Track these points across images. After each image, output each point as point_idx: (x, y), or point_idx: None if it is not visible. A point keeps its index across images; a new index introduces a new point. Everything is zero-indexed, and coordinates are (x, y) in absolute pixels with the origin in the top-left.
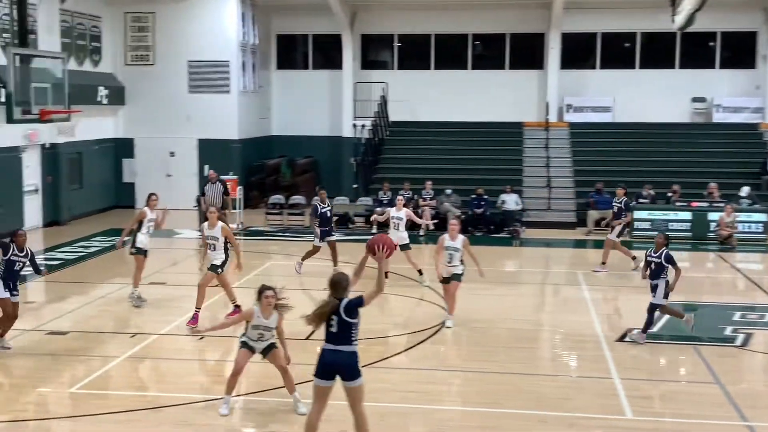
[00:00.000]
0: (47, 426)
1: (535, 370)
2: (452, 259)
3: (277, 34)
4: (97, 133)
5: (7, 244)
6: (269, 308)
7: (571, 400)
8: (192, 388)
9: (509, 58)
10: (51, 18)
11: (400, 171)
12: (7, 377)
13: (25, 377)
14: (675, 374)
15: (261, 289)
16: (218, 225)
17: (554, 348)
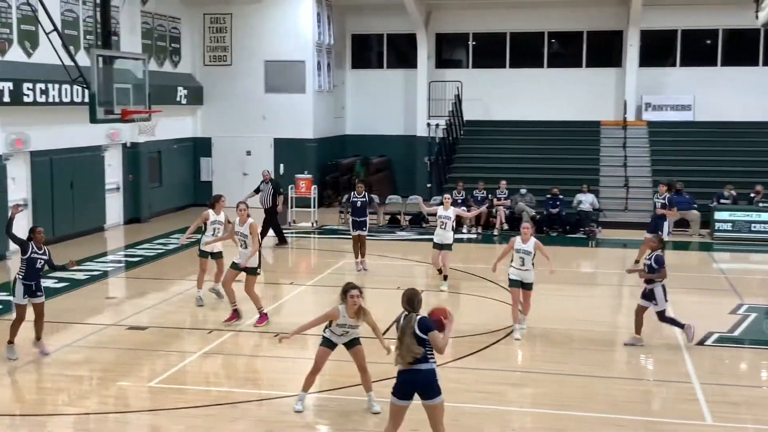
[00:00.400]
0: (127, 419)
1: (611, 373)
2: (524, 263)
3: (352, 33)
4: (176, 132)
5: (25, 243)
6: (355, 308)
7: (648, 404)
8: (267, 384)
9: (586, 55)
10: (132, 20)
11: (474, 170)
12: (88, 370)
13: (105, 371)
14: (757, 379)
15: (346, 288)
16: (248, 222)
17: (630, 351)
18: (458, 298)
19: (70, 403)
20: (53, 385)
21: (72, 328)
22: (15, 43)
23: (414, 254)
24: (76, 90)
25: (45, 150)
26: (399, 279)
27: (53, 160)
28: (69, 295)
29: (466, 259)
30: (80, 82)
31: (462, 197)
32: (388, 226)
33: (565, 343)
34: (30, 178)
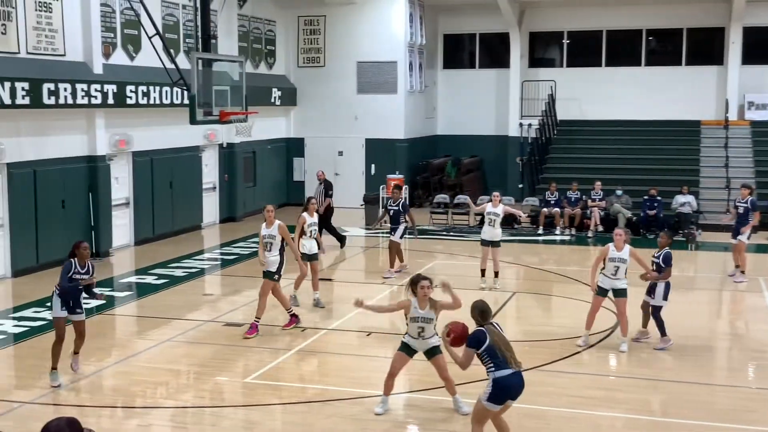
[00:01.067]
0: (224, 413)
1: (711, 380)
2: (617, 272)
3: (444, 33)
4: (270, 133)
5: (69, 264)
6: (425, 299)
7: (752, 413)
8: (360, 383)
9: (686, 53)
10: (230, 23)
11: (568, 171)
12: (186, 365)
13: (202, 365)
14: None
15: (415, 279)
16: (275, 224)
17: (732, 357)
18: (550, 300)
19: (169, 396)
20: (153, 378)
21: (171, 323)
22: (119, 47)
23: (504, 255)
24: (177, 92)
25: (146, 150)
26: (489, 280)
27: (154, 161)
28: (169, 291)
29: (559, 261)
30: (180, 85)
31: (555, 198)
32: (479, 226)
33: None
34: (132, 177)
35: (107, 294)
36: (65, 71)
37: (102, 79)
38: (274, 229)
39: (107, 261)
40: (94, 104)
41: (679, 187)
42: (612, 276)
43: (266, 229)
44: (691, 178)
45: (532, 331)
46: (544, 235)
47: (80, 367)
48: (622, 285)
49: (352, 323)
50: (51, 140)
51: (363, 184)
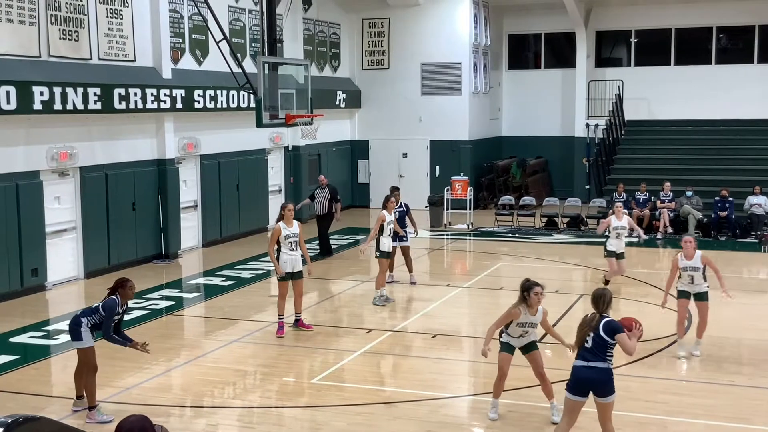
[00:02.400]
0: (292, 413)
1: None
2: (694, 280)
3: (509, 33)
4: (334, 135)
5: (113, 302)
6: (538, 305)
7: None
8: (425, 385)
9: (758, 51)
10: (295, 27)
11: (636, 171)
12: (253, 366)
13: (269, 366)
14: None
15: (528, 285)
16: (296, 223)
17: None
18: (618, 303)
19: (236, 396)
20: (221, 378)
21: (239, 324)
22: (187, 52)
23: (571, 257)
24: (243, 96)
25: (213, 153)
26: (557, 282)
27: (221, 163)
28: (236, 292)
29: (628, 263)
30: (247, 89)
31: (623, 199)
32: (545, 228)
33: (736, 352)
34: (200, 180)
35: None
36: (135, 76)
37: (171, 84)
38: (296, 227)
39: (176, 263)
40: (163, 108)
41: (751, 187)
42: (689, 284)
43: (289, 229)
44: (764, 179)
45: None
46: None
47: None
48: (703, 289)
49: (417, 325)
50: (121, 144)
51: (428, 185)
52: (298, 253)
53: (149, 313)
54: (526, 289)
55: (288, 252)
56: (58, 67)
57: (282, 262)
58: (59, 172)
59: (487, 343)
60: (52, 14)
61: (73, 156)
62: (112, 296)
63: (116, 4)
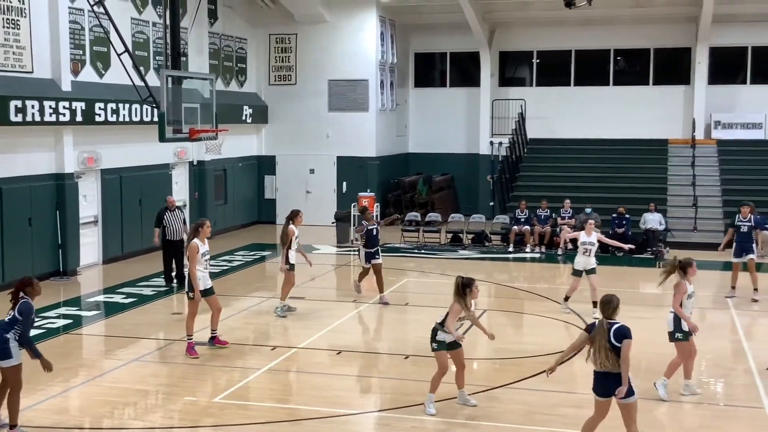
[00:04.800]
0: None
1: (681, 397)
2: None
3: (416, 52)
4: (241, 150)
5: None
6: (475, 299)
7: (719, 430)
8: (330, 402)
9: (653, 73)
10: (200, 41)
11: (538, 189)
12: (154, 385)
13: (171, 385)
14: None
15: (468, 281)
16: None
17: (700, 375)
18: (521, 317)
19: (137, 416)
20: (121, 398)
21: (139, 343)
22: (88, 64)
23: (476, 273)
24: (146, 109)
25: (115, 168)
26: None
27: (123, 178)
28: (137, 310)
29: (530, 278)
30: (150, 102)
31: (525, 216)
32: (450, 244)
33: (632, 365)
34: (101, 195)
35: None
36: (33, 88)
37: (70, 96)
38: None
39: (74, 280)
40: (62, 122)
41: (647, 205)
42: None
43: (203, 247)
44: (659, 196)
45: (503, 348)
46: (515, 252)
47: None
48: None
49: (322, 342)
50: (18, 158)
51: (335, 201)
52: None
53: (45, 332)
54: (467, 285)
55: (202, 270)
56: None
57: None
58: None
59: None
60: None
61: None
62: (24, 299)
63: (13, 14)
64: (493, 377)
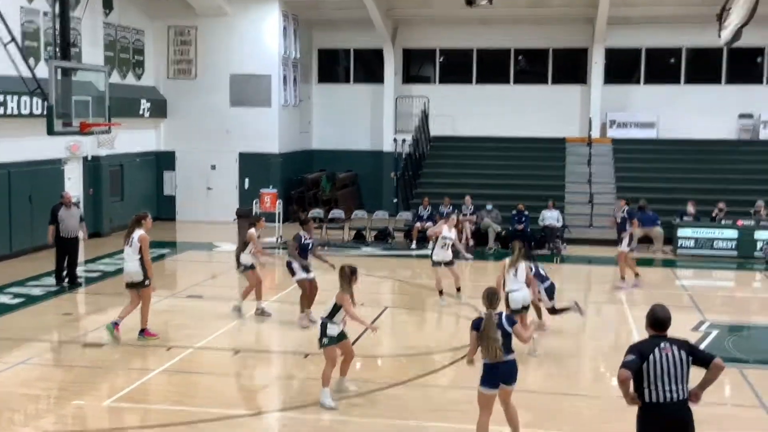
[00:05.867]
0: None
1: (576, 390)
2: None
3: (319, 48)
4: (138, 145)
5: None
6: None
7: (610, 424)
8: (227, 403)
9: (552, 73)
10: (94, 31)
11: (441, 186)
12: (44, 389)
13: (61, 389)
14: (720, 397)
15: (354, 269)
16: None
17: (596, 368)
18: (423, 314)
19: (25, 422)
20: (6, 404)
21: (27, 344)
22: None
23: (379, 270)
24: (36, 102)
25: (3, 163)
26: (364, 295)
27: (11, 173)
28: (25, 311)
29: (432, 275)
30: (38, 94)
31: (428, 212)
32: (353, 241)
33: (523, 359)
34: None
35: None
36: None
37: None
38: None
39: None
40: None
41: (545, 202)
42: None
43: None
44: (557, 194)
45: (406, 345)
46: (417, 249)
47: None
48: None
49: (219, 342)
50: None
51: (237, 198)
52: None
53: None
54: (353, 273)
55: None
56: None
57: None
58: None
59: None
60: None
61: None
62: None
63: None
64: (395, 374)
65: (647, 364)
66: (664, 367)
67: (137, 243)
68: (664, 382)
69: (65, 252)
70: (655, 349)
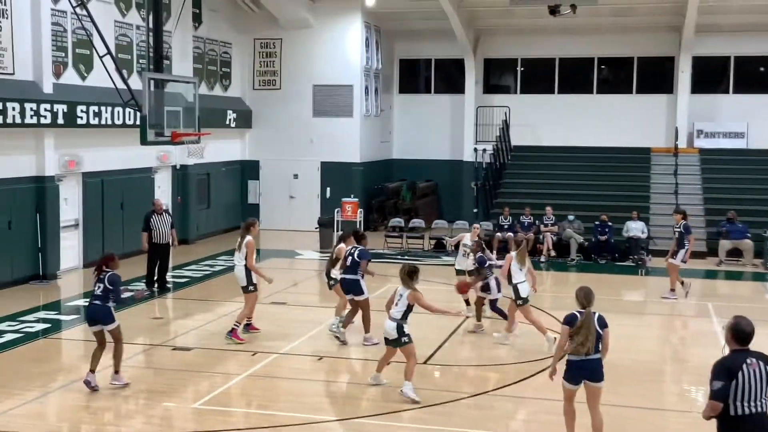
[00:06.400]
0: None
1: (661, 405)
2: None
3: (400, 58)
4: (224, 155)
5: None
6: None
7: None
8: (311, 408)
9: (637, 82)
10: (184, 44)
11: (521, 196)
12: (134, 390)
13: (151, 391)
14: None
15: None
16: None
17: (681, 382)
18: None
19: (116, 422)
20: (99, 403)
21: None
22: (70, 66)
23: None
24: (129, 112)
25: (97, 171)
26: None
27: (105, 182)
28: (118, 314)
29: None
30: (132, 105)
31: (509, 223)
32: (433, 250)
33: (613, 372)
34: (82, 199)
35: (53, 318)
36: (14, 90)
37: (52, 99)
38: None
39: (54, 284)
40: (43, 124)
41: (629, 213)
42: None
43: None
44: (642, 204)
45: (484, 355)
46: (497, 259)
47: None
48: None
49: (304, 347)
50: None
51: (318, 207)
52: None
53: (23, 336)
54: (417, 271)
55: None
56: None
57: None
58: None
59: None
60: None
61: None
62: (109, 271)
63: None
64: (474, 385)
65: (735, 382)
66: (752, 383)
67: (244, 248)
68: (750, 397)
69: (157, 257)
70: (743, 366)
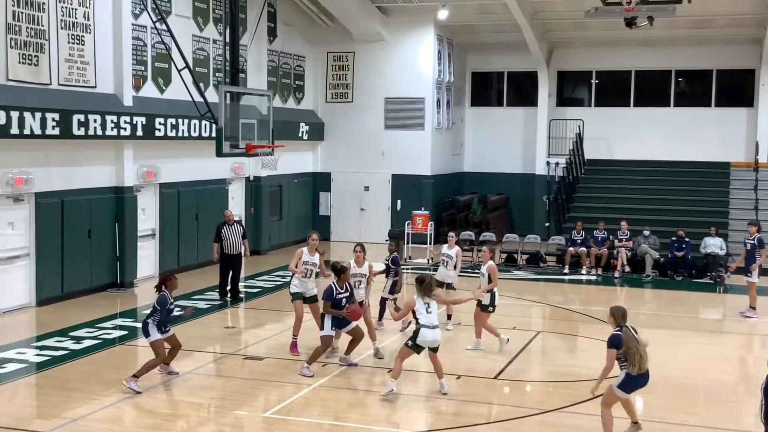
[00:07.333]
0: None
1: (741, 426)
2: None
3: (472, 71)
4: (297, 167)
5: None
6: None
7: None
8: (377, 419)
9: (715, 95)
10: (259, 58)
11: (595, 210)
12: (207, 398)
13: (223, 399)
14: None
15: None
16: (317, 254)
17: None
18: (575, 340)
19: (189, 429)
20: (172, 410)
21: (193, 355)
22: (149, 80)
23: (530, 294)
24: (205, 125)
25: (173, 182)
26: (515, 318)
27: (181, 192)
28: (191, 323)
29: (585, 301)
30: (208, 118)
31: (582, 237)
32: (504, 264)
33: (690, 392)
34: (158, 209)
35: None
36: (95, 103)
37: (131, 111)
38: (316, 258)
39: (131, 292)
40: (123, 136)
41: (707, 229)
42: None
43: (309, 257)
44: (720, 220)
45: (556, 371)
46: (570, 274)
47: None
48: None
49: (372, 359)
50: (79, 171)
51: (389, 219)
52: (312, 281)
53: (101, 342)
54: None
55: (301, 278)
56: (16, 92)
57: (292, 284)
58: (14, 197)
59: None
60: (12, 38)
61: (29, 181)
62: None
63: (78, 30)
64: (546, 401)
65: None
66: None
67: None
68: None
69: (229, 268)
70: None
